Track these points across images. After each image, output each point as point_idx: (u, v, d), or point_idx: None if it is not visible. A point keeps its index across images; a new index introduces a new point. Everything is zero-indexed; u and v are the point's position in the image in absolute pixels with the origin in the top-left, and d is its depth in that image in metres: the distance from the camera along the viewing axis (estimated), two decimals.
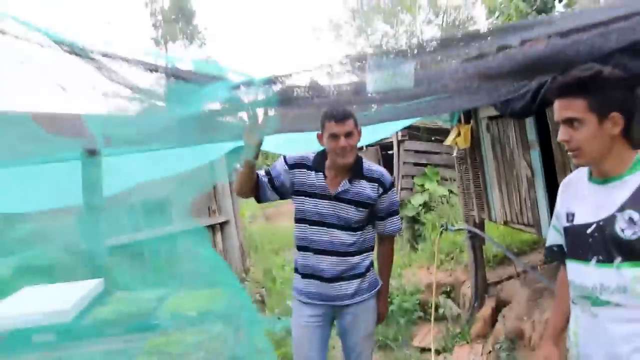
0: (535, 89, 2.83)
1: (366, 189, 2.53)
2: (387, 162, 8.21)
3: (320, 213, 2.56)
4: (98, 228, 3.34)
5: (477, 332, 4.82)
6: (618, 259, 1.58)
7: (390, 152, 8.20)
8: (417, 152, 7.85)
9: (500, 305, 4.88)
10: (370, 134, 3.50)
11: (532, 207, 4.06)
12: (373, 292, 2.68)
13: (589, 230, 1.66)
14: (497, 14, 12.48)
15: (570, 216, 1.75)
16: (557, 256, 1.93)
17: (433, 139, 7.62)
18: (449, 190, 7.46)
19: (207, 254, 1.97)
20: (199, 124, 1.51)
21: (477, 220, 5.05)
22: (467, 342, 4.77)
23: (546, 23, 1.85)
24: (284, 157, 2.61)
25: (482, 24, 13.95)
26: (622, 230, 1.57)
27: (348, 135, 2.34)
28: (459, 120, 4.85)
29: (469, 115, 4.76)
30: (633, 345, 1.58)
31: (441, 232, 5.41)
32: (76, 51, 1.41)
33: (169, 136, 1.71)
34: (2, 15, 1.37)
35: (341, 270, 2.56)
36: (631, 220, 1.56)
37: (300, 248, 2.66)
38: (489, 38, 1.74)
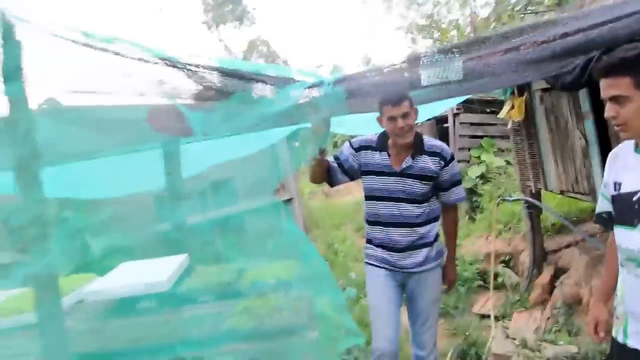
0: (583, 64, 2.91)
1: (428, 163, 2.71)
2: (443, 136, 8.27)
3: (388, 189, 2.75)
4: (180, 208, 3.68)
5: (535, 299, 4.95)
6: None
7: (445, 125, 8.26)
8: (472, 124, 7.88)
9: (558, 272, 4.98)
10: (426, 111, 3.67)
11: (588, 176, 4.13)
12: (440, 260, 2.88)
13: (635, 198, 1.77)
14: None
15: (617, 185, 1.86)
16: (606, 222, 2.04)
17: (488, 110, 7.63)
18: (505, 161, 7.48)
19: (289, 227, 2.24)
20: (277, 117, 1.78)
21: (533, 191, 5.14)
22: (526, 309, 4.91)
23: (581, 16, 1.98)
24: (350, 142, 2.85)
25: None
26: None
27: (405, 116, 2.51)
28: (512, 93, 4.91)
29: (522, 88, 4.82)
30: None
31: (498, 203, 5.53)
32: (174, 64, 1.70)
33: (249, 128, 1.99)
34: (115, 39, 1.69)
35: (411, 240, 2.75)
36: None
37: (371, 222, 2.87)
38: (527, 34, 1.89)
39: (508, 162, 7.33)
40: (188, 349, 1.84)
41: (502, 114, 5.01)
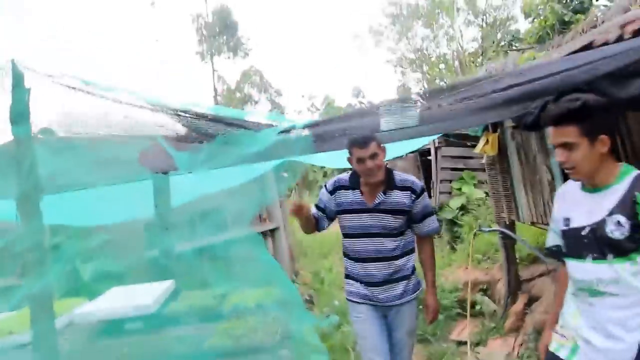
0: (541, 105, 3.20)
1: (400, 197, 2.79)
2: (426, 167, 8.59)
3: (362, 225, 2.82)
4: (168, 236, 3.87)
5: (510, 326, 5.14)
6: (610, 256, 1.84)
7: (428, 157, 8.55)
8: (453, 157, 8.17)
9: (531, 300, 5.18)
10: (407, 145, 3.90)
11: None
12: (417, 292, 2.96)
13: (583, 232, 1.91)
14: (532, 17, 12.60)
15: (567, 221, 2.00)
16: (556, 255, 2.18)
17: (469, 144, 7.93)
18: (485, 192, 7.74)
19: (263, 257, 2.44)
20: (253, 156, 2.02)
21: (507, 222, 5.39)
22: (501, 335, 5.09)
23: (515, 74, 2.26)
24: (325, 186, 3.00)
25: (522, 23, 14.04)
26: (612, 232, 1.82)
27: (373, 156, 2.58)
28: (486, 129, 5.19)
29: (495, 124, 5.10)
30: (627, 327, 1.83)
31: (475, 234, 5.76)
32: (169, 112, 1.95)
33: (229, 165, 2.22)
34: (112, 89, 1.93)
35: (389, 273, 2.82)
36: (619, 223, 1.81)
37: (349, 258, 2.95)
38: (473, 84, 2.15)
39: (487, 194, 7.60)
40: None
41: (478, 148, 5.28)
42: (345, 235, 2.95)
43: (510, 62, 4.60)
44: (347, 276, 2.99)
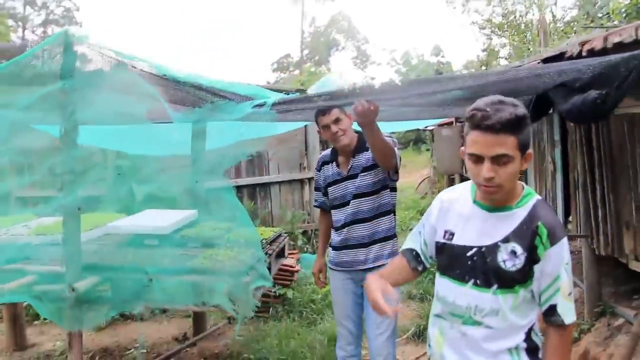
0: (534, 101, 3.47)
1: (367, 154, 2.86)
2: None
3: (343, 195, 2.96)
4: (200, 172, 4.50)
5: None
6: (495, 286, 1.64)
7: None
8: None
9: None
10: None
11: (554, 199, 4.67)
12: (394, 258, 2.90)
13: (469, 253, 1.69)
14: None
15: (448, 234, 1.78)
16: (412, 262, 1.95)
17: None
18: None
19: (234, 202, 3.00)
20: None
21: None
22: None
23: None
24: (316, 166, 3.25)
25: None
26: (504, 261, 1.62)
27: (336, 121, 2.73)
28: None
29: None
30: None
31: None
32: (174, 79, 2.53)
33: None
34: (134, 58, 2.52)
35: (361, 236, 2.92)
36: (513, 253, 1.61)
37: (333, 228, 3.10)
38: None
39: None
40: (154, 272, 2.71)
41: None
42: (331, 207, 3.09)
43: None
44: (330, 246, 3.16)
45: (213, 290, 2.60)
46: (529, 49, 18.13)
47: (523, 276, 1.62)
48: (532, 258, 1.60)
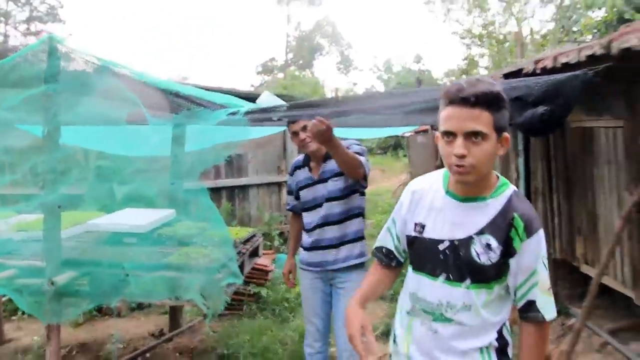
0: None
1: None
2: None
3: (314, 198, 3.08)
4: (178, 174, 4.64)
5: None
6: (468, 280, 1.56)
7: None
8: None
9: None
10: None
11: None
12: (362, 259, 3.09)
13: (441, 247, 1.62)
14: (592, 9, 12.35)
15: (419, 227, 1.70)
16: (384, 259, 1.89)
17: None
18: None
19: (207, 203, 3.16)
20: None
21: None
22: None
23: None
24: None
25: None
26: (478, 255, 1.54)
27: (304, 128, 2.87)
28: None
29: None
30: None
31: None
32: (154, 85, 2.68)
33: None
34: (117, 65, 2.67)
35: (332, 237, 3.04)
36: (488, 246, 1.53)
37: (304, 230, 3.22)
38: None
39: None
40: (130, 268, 2.86)
41: None
42: (302, 210, 3.21)
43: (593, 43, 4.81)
44: (301, 246, 3.27)
45: (187, 286, 2.75)
46: (506, 60, 18.57)
47: (498, 271, 1.54)
48: (508, 251, 1.53)
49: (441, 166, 1.69)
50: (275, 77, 39.66)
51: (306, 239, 3.21)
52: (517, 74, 3.18)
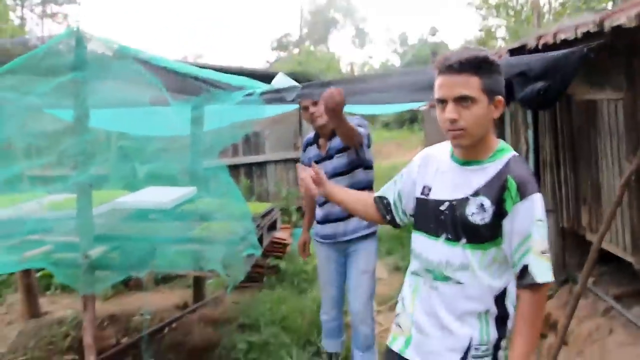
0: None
1: None
2: None
3: (325, 173, 3.37)
4: (198, 153, 4.82)
5: None
6: (464, 240, 1.63)
7: None
8: None
9: None
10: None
11: None
12: (371, 229, 3.22)
13: (442, 207, 1.70)
14: None
15: (426, 189, 1.78)
16: (381, 208, 1.98)
17: None
18: None
19: (227, 180, 3.35)
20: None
21: None
22: None
23: None
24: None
25: None
26: (472, 214, 1.60)
27: (314, 103, 3.01)
28: None
29: None
30: (462, 320, 1.66)
31: None
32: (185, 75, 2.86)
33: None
34: (140, 52, 2.84)
35: (341, 210, 3.01)
36: (482, 207, 1.59)
37: (317, 204, 3.39)
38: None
39: None
40: (159, 241, 3.08)
41: None
42: None
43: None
44: (315, 220, 3.43)
45: (209, 257, 2.97)
46: (524, 30, 18.28)
47: (492, 231, 1.59)
48: (500, 212, 1.57)
49: None
50: (290, 52, 39.53)
51: (318, 212, 3.38)
52: (520, 49, 3.27)
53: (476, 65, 1.54)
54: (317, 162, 3.23)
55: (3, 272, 5.20)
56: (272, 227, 4.46)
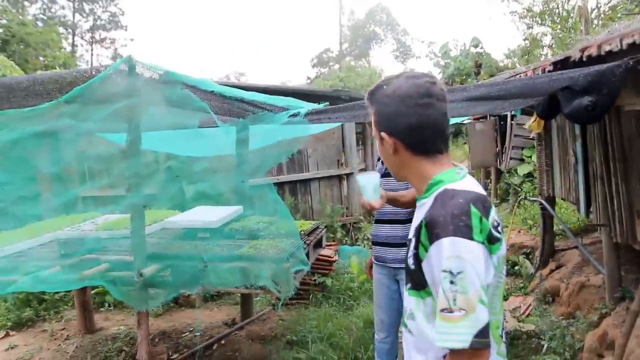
0: (546, 100, 3.75)
1: None
2: (503, 133, 8.94)
3: (385, 189, 3.17)
4: (245, 172, 4.95)
5: (532, 287, 5.77)
6: (409, 284, 1.44)
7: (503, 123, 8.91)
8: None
9: (558, 268, 5.75)
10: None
11: (576, 189, 4.89)
12: None
13: None
14: None
15: None
16: None
17: None
18: None
19: (275, 197, 3.41)
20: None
21: (546, 194, 5.89)
22: (523, 294, 5.75)
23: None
24: None
25: None
26: (409, 257, 1.40)
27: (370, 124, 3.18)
28: None
29: None
30: None
31: (519, 201, 6.31)
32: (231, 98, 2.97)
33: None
34: (186, 78, 2.96)
35: (395, 235, 3.09)
36: (412, 249, 1.38)
37: (376, 221, 3.27)
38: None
39: None
40: (209, 259, 3.17)
41: (527, 124, 5.76)
42: None
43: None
44: (372, 240, 3.37)
45: (259, 274, 3.03)
46: (570, 37, 17.87)
47: (421, 278, 1.35)
48: (418, 257, 1.34)
49: (500, 153, 1.64)
50: (331, 68, 39.84)
51: (374, 232, 3.29)
52: (564, 62, 3.23)
53: (369, 97, 1.45)
54: (382, 175, 3.13)
55: (64, 289, 5.44)
56: (318, 244, 4.50)
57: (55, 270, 3.23)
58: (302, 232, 4.12)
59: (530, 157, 8.26)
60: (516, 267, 6.55)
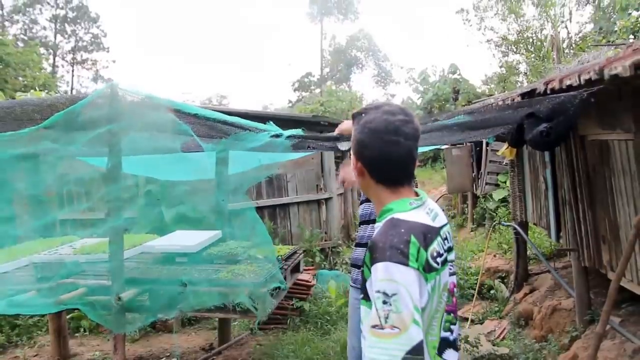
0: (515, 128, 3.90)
1: None
2: (479, 158, 9.16)
3: (365, 212, 3.20)
4: (224, 193, 4.98)
5: (507, 310, 5.88)
6: (361, 295, 1.48)
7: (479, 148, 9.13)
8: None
9: (532, 291, 5.88)
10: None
11: (547, 214, 5.05)
12: None
13: None
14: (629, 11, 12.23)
15: None
16: None
17: None
18: None
19: (256, 219, 3.47)
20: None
21: (519, 220, 6.05)
22: (497, 318, 5.85)
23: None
24: None
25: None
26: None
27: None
28: None
29: None
30: None
31: (494, 226, 6.46)
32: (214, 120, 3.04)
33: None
34: (169, 102, 3.04)
35: (360, 257, 3.10)
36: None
37: (356, 244, 3.31)
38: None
39: None
40: (189, 282, 3.21)
41: (500, 151, 5.95)
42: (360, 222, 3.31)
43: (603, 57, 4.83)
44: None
45: (237, 295, 3.08)
46: (544, 65, 18.41)
47: (367, 293, 1.41)
48: (364, 276, 1.43)
49: (476, 178, 1.72)
50: (312, 92, 40.21)
51: (353, 253, 3.32)
52: (531, 94, 3.39)
53: (353, 116, 1.51)
54: (362, 202, 3.30)
55: (40, 313, 5.37)
56: (296, 269, 4.55)
57: (31, 295, 3.23)
58: (280, 257, 4.18)
59: (505, 182, 8.47)
60: (492, 291, 6.66)
